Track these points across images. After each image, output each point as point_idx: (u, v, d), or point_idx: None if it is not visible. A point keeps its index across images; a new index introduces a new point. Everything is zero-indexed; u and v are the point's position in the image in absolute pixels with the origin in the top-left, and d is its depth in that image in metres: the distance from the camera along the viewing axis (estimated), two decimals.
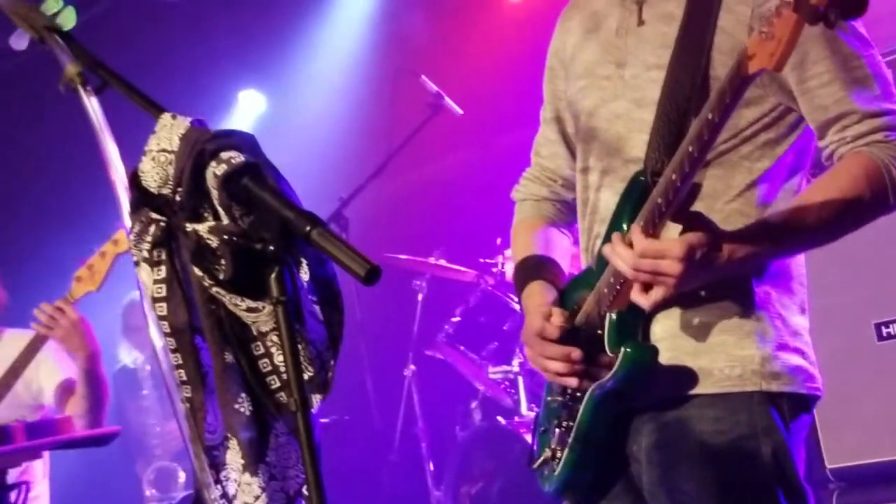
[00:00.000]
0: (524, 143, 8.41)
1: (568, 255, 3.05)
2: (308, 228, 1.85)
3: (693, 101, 2.60)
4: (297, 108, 8.94)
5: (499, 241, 6.88)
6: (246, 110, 9.47)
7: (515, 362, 6.46)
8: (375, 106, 8.12)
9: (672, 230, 2.49)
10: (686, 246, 2.40)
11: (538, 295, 2.86)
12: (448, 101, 6.76)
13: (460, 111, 6.81)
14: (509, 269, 6.98)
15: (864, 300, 4.64)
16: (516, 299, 6.45)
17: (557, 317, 2.72)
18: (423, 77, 6.79)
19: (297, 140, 8.32)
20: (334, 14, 8.71)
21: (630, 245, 2.48)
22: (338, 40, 8.74)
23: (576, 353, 2.67)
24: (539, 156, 3.16)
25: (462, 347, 6.66)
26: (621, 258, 2.48)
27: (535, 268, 2.95)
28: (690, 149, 2.37)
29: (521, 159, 8.51)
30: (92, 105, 2.11)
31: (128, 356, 7.88)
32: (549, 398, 2.90)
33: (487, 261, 6.90)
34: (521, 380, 6.47)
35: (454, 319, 6.74)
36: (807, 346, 2.68)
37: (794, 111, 2.66)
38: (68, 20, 2.22)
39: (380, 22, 8.66)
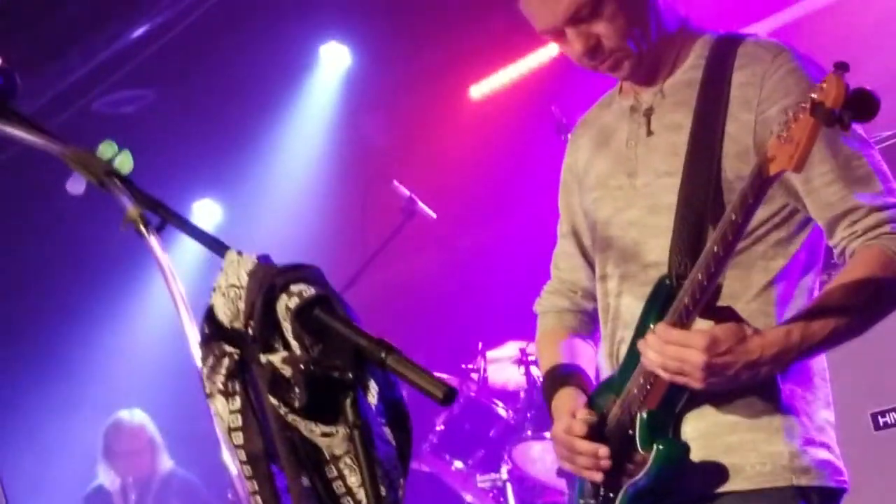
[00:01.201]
0: (497, 241, 8.66)
1: (593, 363, 3.29)
2: (383, 355, 2.06)
3: (709, 205, 2.86)
4: (255, 219, 9.13)
5: (480, 345, 7.11)
6: (201, 221, 9.64)
7: (504, 469, 6.62)
8: (344, 212, 8.33)
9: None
10: (709, 338, 2.64)
11: (568, 400, 3.09)
12: (421, 205, 7.00)
13: (434, 215, 7.05)
14: (492, 373, 7.21)
15: (861, 390, 4.86)
16: (501, 404, 6.73)
17: (583, 413, 2.96)
18: (395, 182, 7.04)
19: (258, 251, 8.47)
20: (293, 120, 8.94)
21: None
22: (299, 147, 8.97)
23: (603, 450, 2.90)
24: (558, 269, 3.42)
25: (448, 457, 6.82)
26: (651, 347, 2.72)
27: (564, 376, 3.18)
28: (716, 249, 2.63)
29: (495, 258, 8.74)
30: (155, 244, 2.33)
31: (105, 477, 7.98)
32: (581, 501, 3.10)
33: (469, 366, 7.11)
34: (509, 487, 6.64)
35: (438, 428, 6.90)
36: (831, 440, 2.91)
37: (801, 211, 2.92)
38: (125, 164, 2.44)
39: (341, 127, 8.91)
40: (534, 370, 7.01)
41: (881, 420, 4.91)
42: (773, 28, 7.13)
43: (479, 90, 8.87)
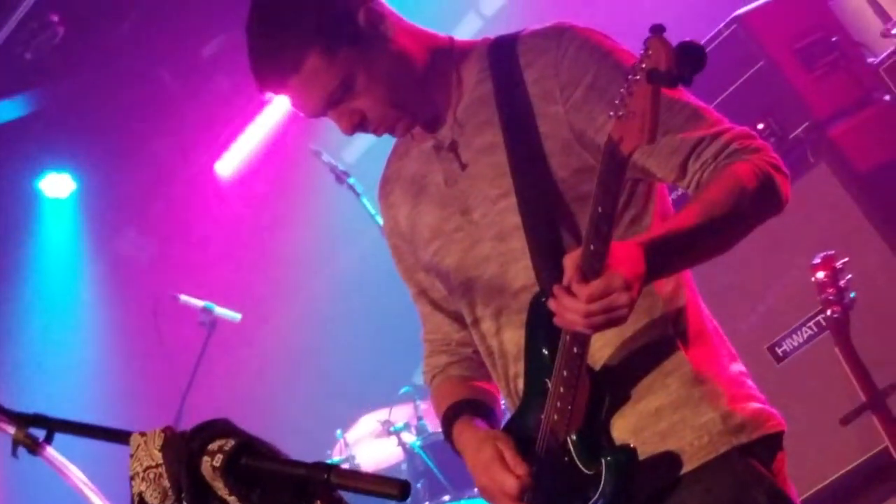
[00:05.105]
0: (308, 317, 8.85)
1: (492, 395, 3.56)
2: (326, 475, 2.42)
3: (554, 210, 3.22)
4: (45, 391, 9.18)
5: (338, 432, 7.45)
6: None
7: None
8: (138, 347, 8.53)
9: None
10: (622, 279, 2.86)
11: (468, 431, 3.39)
12: (219, 311, 7.27)
13: (237, 316, 7.33)
14: (361, 457, 7.59)
15: (751, 329, 5.39)
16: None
17: (521, 467, 3.20)
18: (182, 296, 7.30)
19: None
20: (43, 274, 9.06)
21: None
22: (60, 297, 9.08)
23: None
24: (425, 332, 3.70)
25: None
26: (571, 311, 2.90)
27: (454, 411, 3.47)
28: (593, 247, 2.88)
29: (312, 337, 8.94)
30: (54, 456, 2.66)
31: None
32: None
33: (337, 457, 7.46)
34: None
35: None
36: (753, 389, 3.31)
37: (641, 180, 3.28)
38: None
39: (97, 258, 9.07)
40: (405, 436, 7.40)
41: (779, 351, 5.44)
42: None
43: (226, 167, 9.14)
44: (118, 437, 2.61)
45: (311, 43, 3.21)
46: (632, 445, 3.16)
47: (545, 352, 3.17)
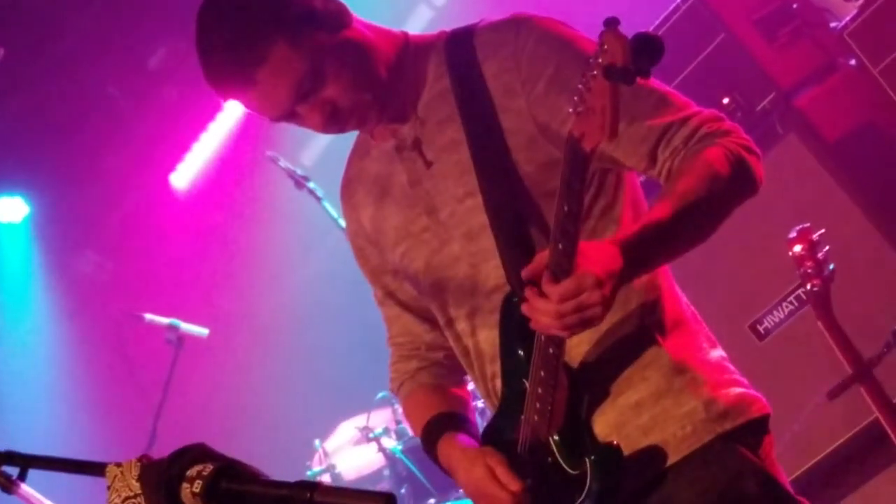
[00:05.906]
0: (275, 326, 8.84)
1: (468, 404, 3.60)
2: (309, 494, 2.42)
3: (521, 206, 3.21)
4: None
5: (317, 442, 7.44)
6: None
7: None
8: (105, 370, 8.52)
9: None
10: (594, 277, 2.84)
11: (452, 450, 3.39)
12: (185, 327, 7.25)
13: (205, 332, 7.31)
14: (341, 465, 7.59)
15: (731, 309, 5.41)
16: None
17: (514, 483, 3.21)
18: (147, 315, 7.28)
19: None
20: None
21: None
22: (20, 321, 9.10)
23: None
24: (392, 336, 3.71)
25: None
26: (543, 313, 2.88)
27: (435, 426, 3.47)
28: (561, 246, 2.87)
29: (281, 346, 8.93)
30: (30, 493, 2.66)
31: None
32: None
33: (317, 468, 7.46)
34: None
35: None
36: (735, 374, 3.31)
37: (610, 170, 3.27)
38: None
39: (57, 279, 9.06)
40: (385, 441, 7.41)
41: (760, 329, 5.46)
42: None
43: (181, 178, 9.12)
44: (94, 469, 2.61)
45: (275, 33, 3.16)
46: (615, 442, 3.17)
47: (520, 353, 3.18)
